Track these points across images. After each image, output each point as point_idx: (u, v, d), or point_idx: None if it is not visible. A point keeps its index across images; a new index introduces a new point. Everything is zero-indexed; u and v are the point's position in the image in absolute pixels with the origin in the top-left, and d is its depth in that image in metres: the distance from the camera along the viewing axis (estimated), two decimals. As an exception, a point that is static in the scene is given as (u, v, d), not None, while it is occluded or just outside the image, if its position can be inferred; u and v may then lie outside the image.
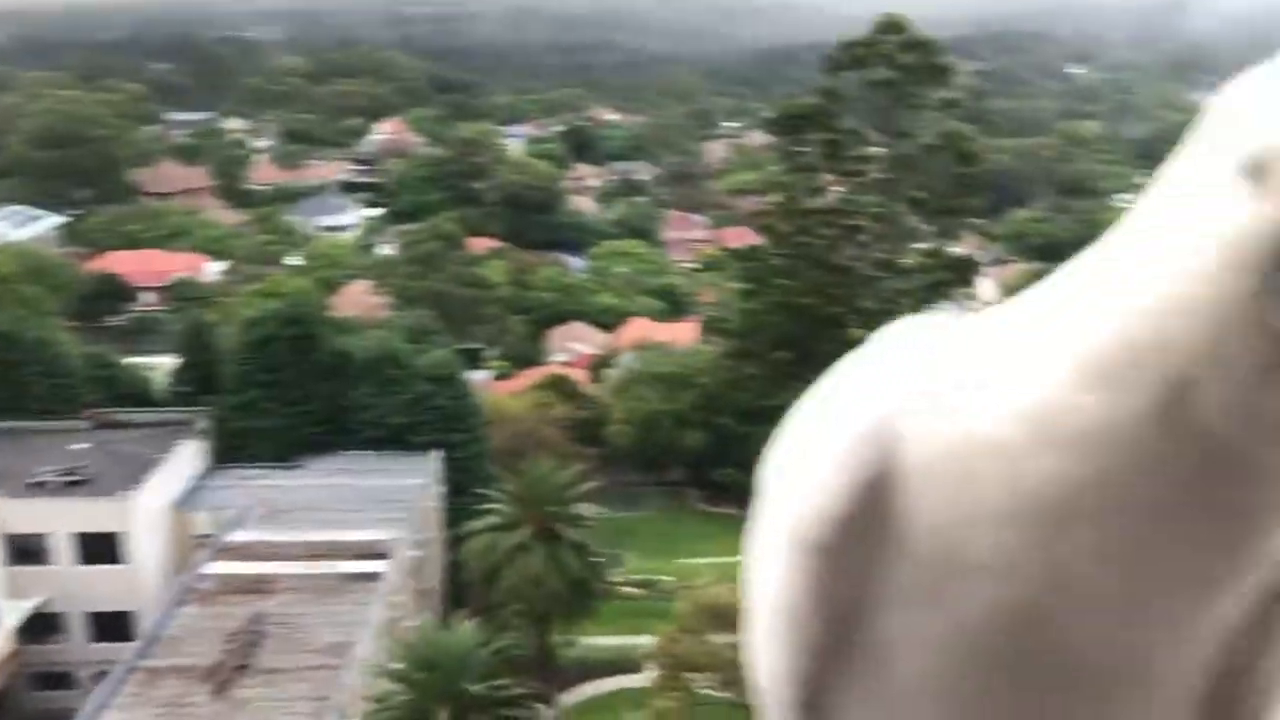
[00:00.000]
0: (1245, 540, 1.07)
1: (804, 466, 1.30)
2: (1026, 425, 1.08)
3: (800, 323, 41.98)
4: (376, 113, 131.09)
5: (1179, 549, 1.07)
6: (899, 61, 40.96)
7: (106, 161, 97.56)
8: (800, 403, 1.37)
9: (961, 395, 1.16)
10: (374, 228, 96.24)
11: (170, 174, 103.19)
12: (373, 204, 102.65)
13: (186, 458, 39.03)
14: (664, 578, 44.28)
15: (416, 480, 38.47)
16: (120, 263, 77.33)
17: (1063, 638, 1.17)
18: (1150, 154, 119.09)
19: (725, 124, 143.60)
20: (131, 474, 36.05)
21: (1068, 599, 1.13)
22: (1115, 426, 1.03)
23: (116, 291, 74.82)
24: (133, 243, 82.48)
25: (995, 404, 1.11)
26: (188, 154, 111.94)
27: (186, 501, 38.14)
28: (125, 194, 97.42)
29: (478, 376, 55.64)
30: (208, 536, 36.39)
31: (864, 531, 1.25)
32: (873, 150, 42.16)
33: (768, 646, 1.42)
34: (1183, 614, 1.14)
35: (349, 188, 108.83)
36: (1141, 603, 1.12)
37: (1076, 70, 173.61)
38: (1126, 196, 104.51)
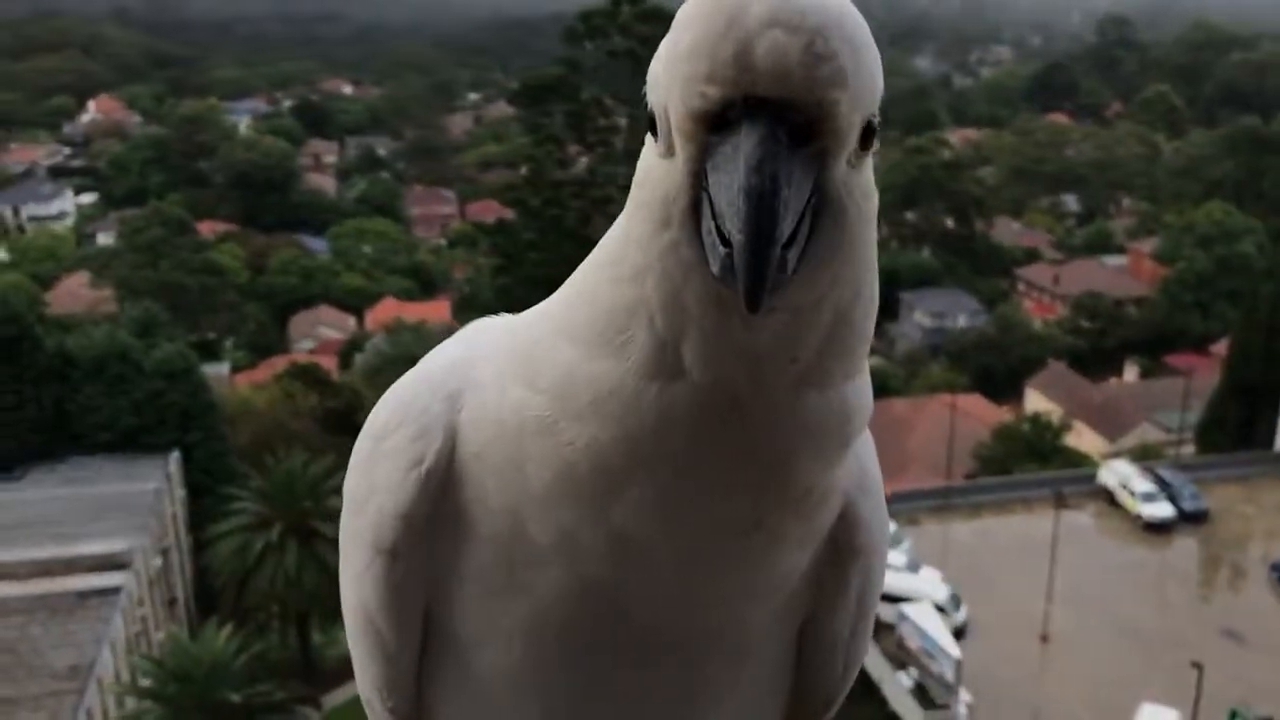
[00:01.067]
0: (772, 483, 1.12)
1: (368, 471, 1.34)
2: (555, 400, 1.15)
3: (554, 296, 41.74)
4: (86, 90, 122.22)
5: (715, 499, 1.12)
6: (637, 31, 41.11)
7: None
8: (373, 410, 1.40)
9: (507, 379, 1.22)
10: (90, 215, 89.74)
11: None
12: (87, 189, 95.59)
13: (-116, 478, 35.28)
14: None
15: (153, 484, 36.32)
16: None
17: (638, 609, 1.22)
18: (882, 117, 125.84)
19: (468, 95, 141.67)
20: None
21: (633, 568, 1.18)
22: (622, 388, 1.10)
23: None
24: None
25: (532, 384, 1.18)
26: None
27: (-113, 526, 34.47)
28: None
29: (215, 370, 52.84)
30: (-85, 563, 33.01)
31: (432, 527, 1.29)
32: (618, 120, 42.23)
33: (356, 654, 1.44)
34: (743, 567, 1.19)
35: (59, 172, 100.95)
36: (700, 560, 1.17)
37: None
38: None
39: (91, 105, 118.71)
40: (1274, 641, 32.01)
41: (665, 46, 1.06)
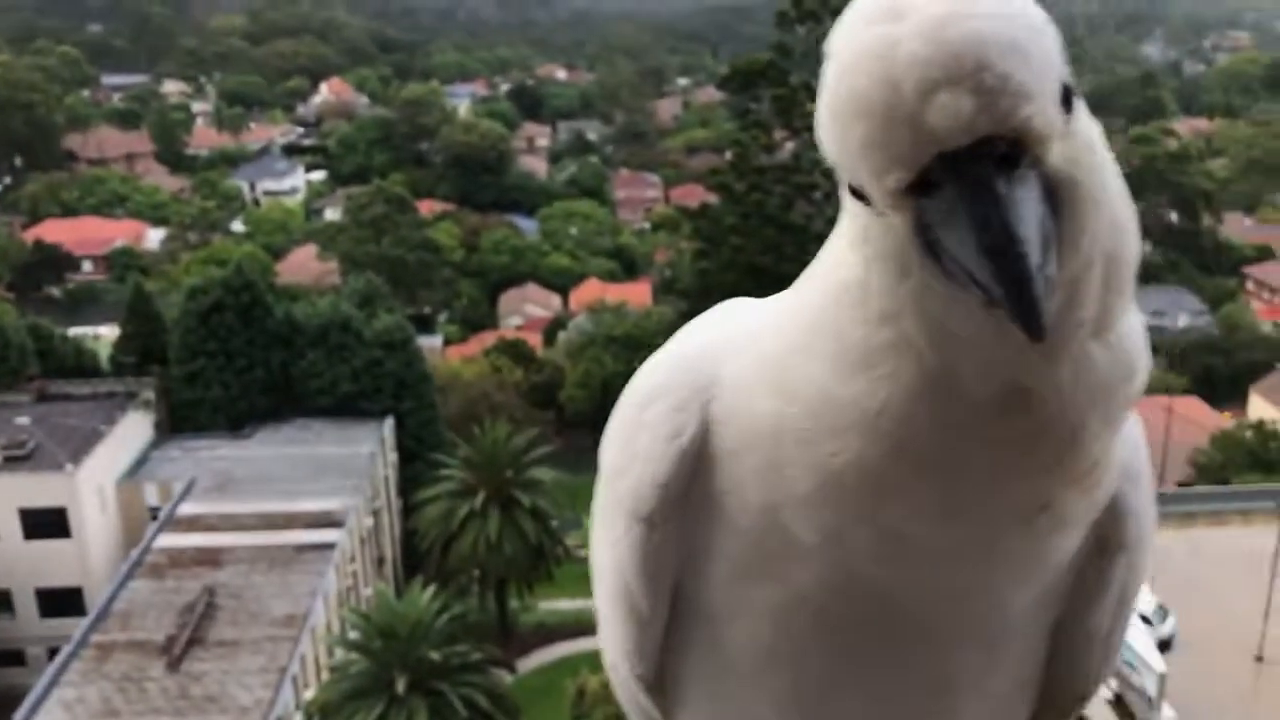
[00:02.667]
0: (1064, 459, 1.10)
1: (630, 440, 1.37)
2: (814, 415, 1.16)
3: (755, 281, 41.75)
4: (319, 73, 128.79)
5: (1000, 491, 1.11)
6: (850, 16, 40.65)
7: (40, 127, 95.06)
8: (633, 377, 1.43)
9: (756, 388, 1.23)
10: (319, 191, 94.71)
11: (107, 139, 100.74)
12: (317, 167, 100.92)
13: (132, 429, 38.32)
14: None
15: (368, 448, 38.10)
16: (58, 231, 75.50)
17: (906, 599, 1.22)
18: (1101, 106, 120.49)
19: (677, 81, 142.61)
20: (76, 447, 35.36)
21: (905, 564, 1.18)
22: (889, 406, 1.10)
23: (55, 261, 73.10)
24: (70, 211, 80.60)
25: (788, 399, 1.18)
26: (125, 119, 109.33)
27: (134, 474, 37.50)
28: (61, 160, 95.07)
29: (429, 342, 55.07)
30: (157, 509, 35.81)
31: (687, 503, 1.31)
32: (825, 106, 41.87)
33: (607, 620, 1.47)
34: (1022, 553, 1.17)
35: (292, 150, 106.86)
36: (979, 550, 1.16)
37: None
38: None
39: (324, 87, 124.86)
40: None
41: (829, 131, 1.03)
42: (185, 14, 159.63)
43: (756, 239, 41.48)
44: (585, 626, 35.91)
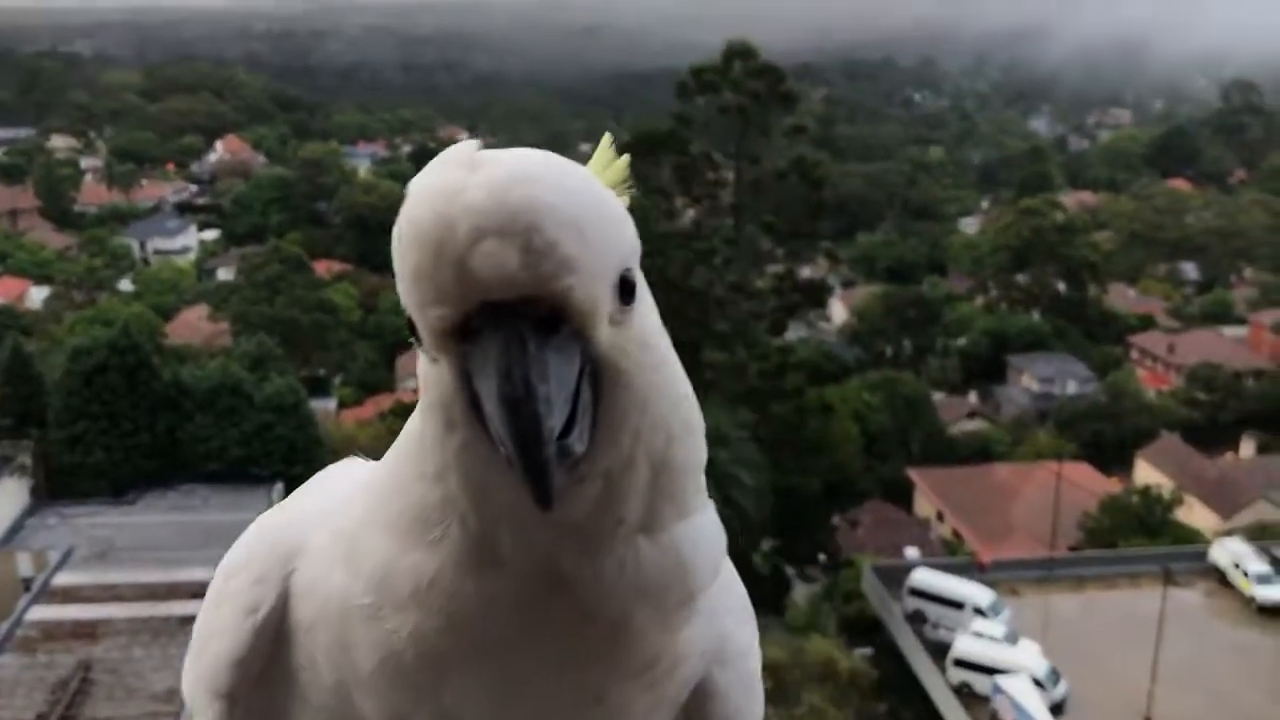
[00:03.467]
0: (611, 652, 1.10)
1: (212, 613, 1.35)
2: (375, 589, 1.14)
3: (655, 346, 41.90)
4: (215, 131, 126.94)
5: (550, 677, 1.10)
6: (748, 87, 41.40)
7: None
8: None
9: (332, 561, 1.22)
10: (212, 250, 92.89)
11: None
12: (211, 225, 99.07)
13: (6, 496, 36.67)
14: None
15: (257, 514, 36.84)
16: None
17: None
18: (992, 178, 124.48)
19: (580, 146, 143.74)
20: (-57, 515, 33.61)
21: None
22: (441, 579, 1.09)
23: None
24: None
25: (355, 571, 1.17)
26: (9, 173, 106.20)
27: (5, 543, 35.81)
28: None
29: (323, 405, 53.98)
30: (30, 579, 34.21)
31: (267, 679, 1.30)
32: (725, 175, 42.44)
33: None
34: None
35: (185, 209, 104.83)
36: None
37: (919, 97, 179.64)
38: (970, 220, 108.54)
39: (219, 145, 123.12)
40: (1398, 739, 30.30)
41: (395, 259, 1.07)
42: (76, 69, 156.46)
43: (658, 303, 41.55)
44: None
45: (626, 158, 1.28)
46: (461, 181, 1.02)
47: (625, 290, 1.08)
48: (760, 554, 42.26)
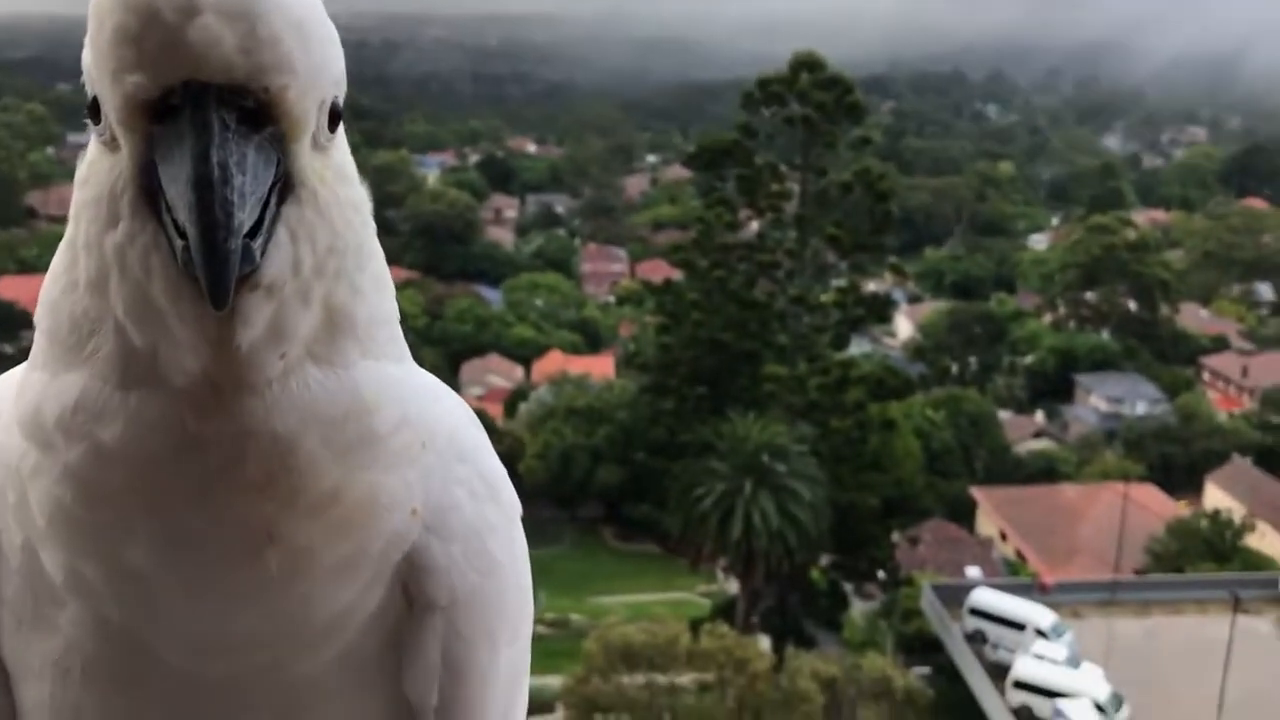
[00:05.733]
0: (279, 480, 1.03)
1: None
2: (33, 433, 1.08)
3: (716, 358, 41.86)
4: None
5: (216, 512, 1.02)
6: (814, 99, 41.32)
7: (2, 183, 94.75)
8: None
9: (10, 419, 1.15)
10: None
11: (69, 197, 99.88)
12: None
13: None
14: (576, 616, 43.61)
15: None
16: (14, 288, 74.71)
17: (164, 650, 1.11)
18: (1062, 195, 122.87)
19: (646, 158, 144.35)
20: None
21: (145, 606, 1.08)
22: (85, 400, 1.03)
23: (9, 318, 72.21)
24: (28, 267, 79.95)
25: (19, 422, 1.11)
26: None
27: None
28: (21, 217, 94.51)
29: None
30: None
31: None
32: (790, 187, 42.40)
33: None
34: (263, 597, 1.07)
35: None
36: (213, 591, 1.06)
37: (989, 111, 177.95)
38: (1039, 236, 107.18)
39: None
40: None
41: (90, 25, 0.98)
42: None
43: (719, 315, 41.63)
44: (538, 705, 35.27)
45: None
46: None
47: (333, 118, 1.07)
48: (818, 569, 42.05)
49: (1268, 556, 44.27)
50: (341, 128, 1.11)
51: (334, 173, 1.08)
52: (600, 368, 63.82)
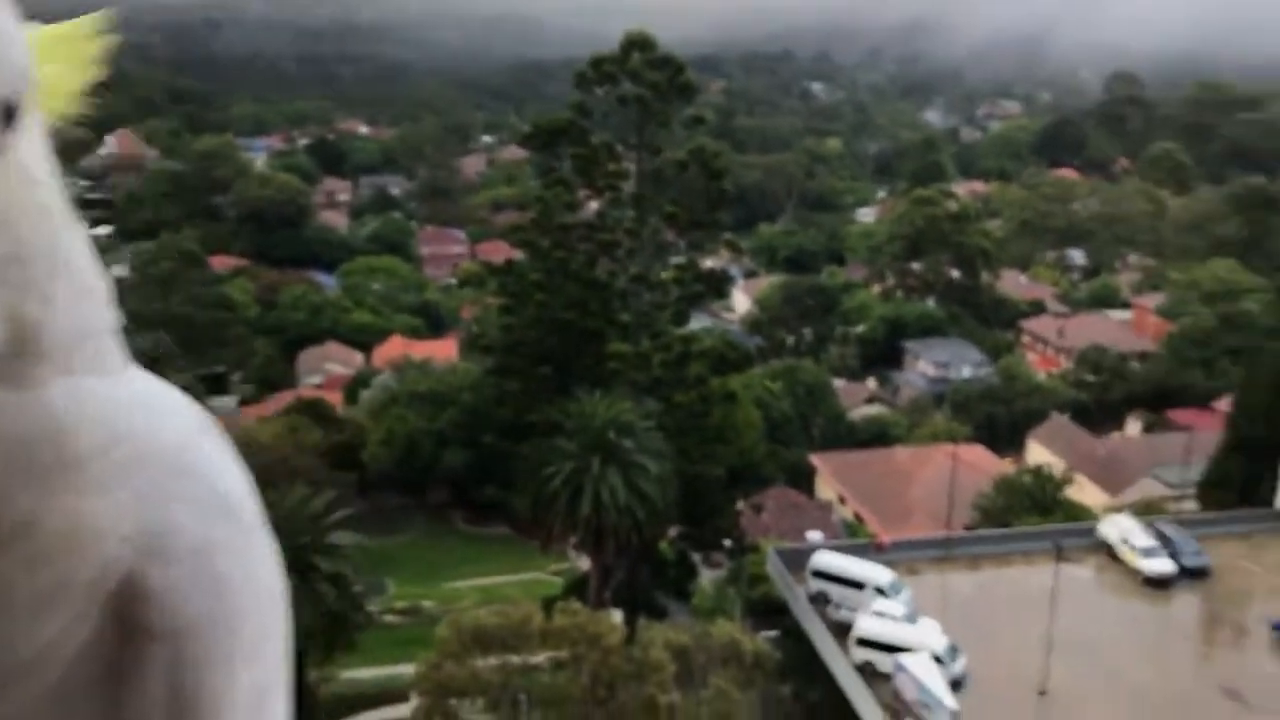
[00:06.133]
0: None
1: None
2: None
3: (560, 337, 41.96)
4: (105, 125, 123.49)
5: None
6: (647, 78, 41.64)
7: None
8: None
9: None
10: (105, 247, 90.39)
11: None
12: (102, 221, 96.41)
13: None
14: (428, 603, 43.29)
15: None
16: None
17: None
18: (886, 169, 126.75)
19: (482, 138, 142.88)
20: None
21: None
22: None
23: None
24: None
25: None
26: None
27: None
28: None
29: (222, 403, 53.02)
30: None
31: None
32: (626, 166, 42.67)
33: None
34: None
35: (75, 204, 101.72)
36: None
37: (816, 89, 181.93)
38: (867, 210, 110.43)
39: (110, 140, 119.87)
40: (1276, 703, 31.82)
41: None
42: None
43: (561, 295, 41.70)
44: (391, 694, 34.89)
45: (113, 36, 1.19)
46: None
47: (9, 118, 1.01)
48: (667, 542, 42.71)
49: (1086, 508, 46.87)
50: (33, 126, 1.05)
51: (17, 175, 1.03)
52: (443, 351, 63.20)
